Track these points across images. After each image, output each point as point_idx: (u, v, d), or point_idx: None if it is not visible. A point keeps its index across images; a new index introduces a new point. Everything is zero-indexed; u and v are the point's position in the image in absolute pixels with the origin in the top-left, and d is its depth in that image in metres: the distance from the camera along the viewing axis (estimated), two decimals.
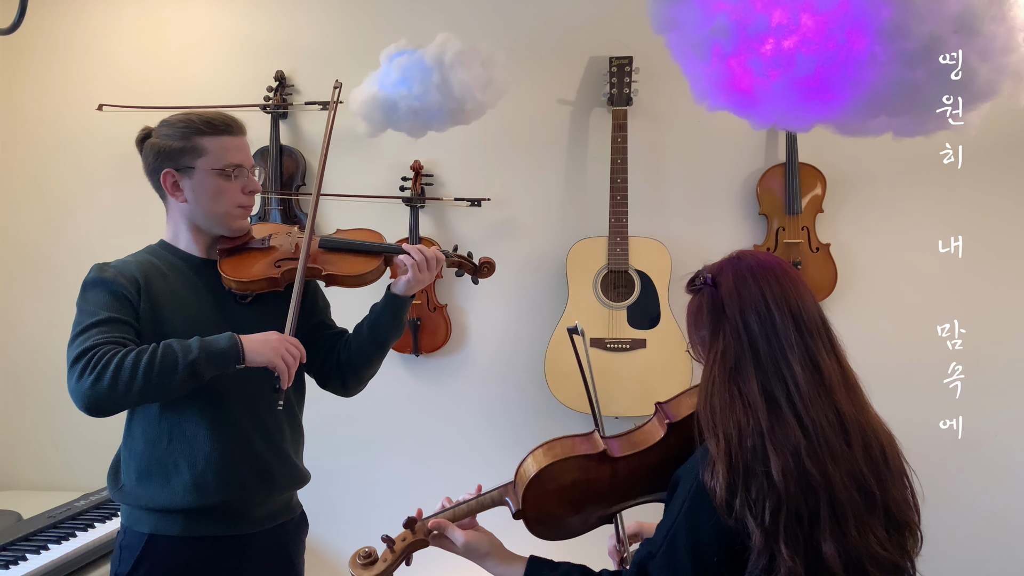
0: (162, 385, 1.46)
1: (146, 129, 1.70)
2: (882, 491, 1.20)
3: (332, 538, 2.81)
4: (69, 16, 3.00)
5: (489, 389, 2.87)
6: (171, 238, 1.73)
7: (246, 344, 1.52)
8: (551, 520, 1.39)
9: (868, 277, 2.72)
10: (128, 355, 1.46)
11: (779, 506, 1.14)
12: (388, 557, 1.40)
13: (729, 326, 1.25)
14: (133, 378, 1.44)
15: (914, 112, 1.79)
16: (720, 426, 1.20)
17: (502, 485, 1.42)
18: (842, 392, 1.22)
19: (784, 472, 1.14)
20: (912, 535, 1.23)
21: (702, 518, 1.19)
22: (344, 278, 1.74)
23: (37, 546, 2.13)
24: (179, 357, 1.47)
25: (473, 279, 1.94)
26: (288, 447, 1.75)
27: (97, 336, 1.50)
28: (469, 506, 1.44)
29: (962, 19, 1.68)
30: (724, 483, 1.15)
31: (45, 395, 2.99)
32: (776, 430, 1.17)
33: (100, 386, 1.44)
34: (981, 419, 2.66)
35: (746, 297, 1.25)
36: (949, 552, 2.63)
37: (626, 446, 1.37)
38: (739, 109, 1.93)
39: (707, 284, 1.30)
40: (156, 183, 1.68)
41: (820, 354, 1.23)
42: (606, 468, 1.35)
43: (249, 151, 1.72)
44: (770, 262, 1.29)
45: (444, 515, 1.43)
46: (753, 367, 1.22)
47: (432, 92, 2.41)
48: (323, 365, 1.82)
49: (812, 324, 1.24)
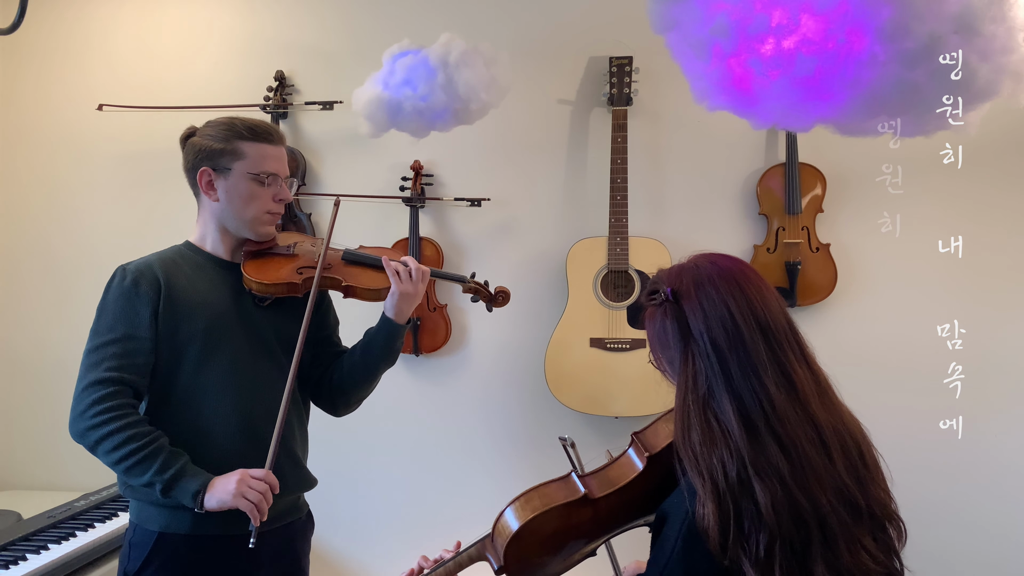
0: (128, 475, 1.58)
1: (191, 128, 1.75)
2: (864, 495, 1.17)
3: (332, 537, 2.81)
4: (69, 16, 3.00)
5: (489, 389, 2.87)
6: (198, 239, 1.76)
7: (208, 491, 1.55)
8: (534, 568, 1.34)
9: (868, 277, 2.72)
10: (126, 430, 1.55)
11: (772, 540, 1.11)
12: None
13: (697, 348, 1.20)
14: (113, 452, 1.55)
15: (914, 112, 1.79)
16: (703, 464, 1.15)
17: (481, 539, 1.38)
18: (815, 401, 1.19)
19: (773, 503, 1.11)
20: (895, 526, 1.21)
21: (697, 559, 1.15)
22: (362, 291, 1.78)
23: (37, 546, 2.12)
24: (155, 468, 1.54)
25: (488, 307, 1.96)
26: (298, 450, 1.78)
27: (111, 361, 1.58)
28: (447, 568, 1.40)
29: (962, 19, 1.68)
30: (716, 525, 1.12)
31: (46, 395, 2.99)
32: (759, 458, 1.14)
33: (88, 437, 1.57)
34: (981, 419, 2.66)
35: (711, 313, 1.19)
36: (949, 552, 2.63)
37: (605, 484, 1.31)
38: (739, 109, 1.93)
39: (668, 300, 1.24)
40: (192, 180, 1.72)
41: (792, 365, 1.19)
42: (587, 510, 1.30)
43: (286, 162, 1.76)
44: (730, 268, 1.23)
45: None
46: (727, 391, 1.17)
47: (437, 92, 2.41)
48: (318, 382, 1.85)
49: (781, 334, 1.20)
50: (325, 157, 2.91)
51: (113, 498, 2.56)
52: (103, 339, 1.60)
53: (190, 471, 1.56)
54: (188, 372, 1.65)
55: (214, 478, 1.56)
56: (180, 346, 1.64)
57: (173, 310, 1.64)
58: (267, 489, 1.56)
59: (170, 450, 1.57)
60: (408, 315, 1.79)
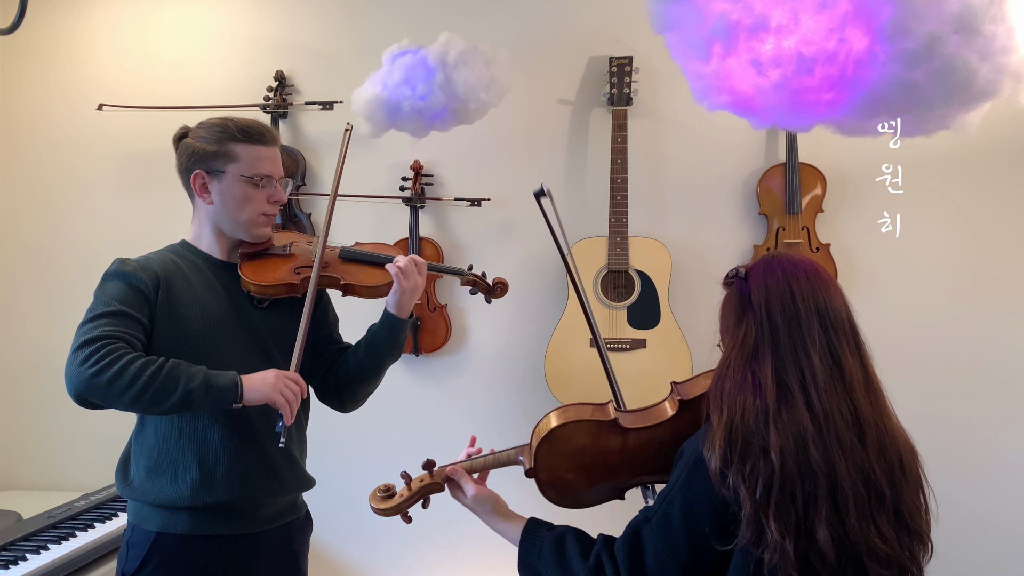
0: (154, 402, 1.46)
1: (183, 128, 1.74)
2: (893, 493, 1.20)
3: (331, 537, 2.81)
4: (69, 16, 3.00)
5: (489, 389, 2.87)
6: (193, 239, 1.76)
7: (245, 383, 1.52)
8: (561, 483, 1.45)
9: (868, 277, 2.72)
10: (136, 360, 1.46)
11: (772, 482, 1.16)
12: (405, 493, 1.50)
13: (753, 316, 1.27)
14: (132, 384, 1.44)
15: (914, 112, 1.79)
16: (726, 402, 1.23)
17: (519, 445, 1.50)
18: (862, 391, 1.24)
19: (783, 451, 1.17)
20: (922, 544, 1.24)
21: (697, 487, 1.22)
22: (361, 288, 1.77)
23: (37, 546, 2.13)
24: (180, 381, 1.47)
25: (486, 298, 1.97)
26: (295, 450, 1.78)
27: (107, 327, 1.50)
28: (485, 460, 1.53)
29: (962, 19, 1.68)
30: (719, 453, 1.18)
31: (45, 395, 2.99)
32: (783, 413, 1.19)
33: (99, 379, 1.43)
34: (981, 419, 2.66)
35: (773, 290, 1.27)
36: (948, 552, 2.63)
37: (637, 420, 1.41)
38: (739, 109, 1.94)
39: (738, 277, 1.33)
40: (186, 182, 1.71)
41: (843, 352, 1.24)
42: (616, 438, 1.40)
43: (279, 162, 1.75)
44: (803, 262, 1.31)
45: (462, 465, 1.53)
46: (771, 355, 1.24)
47: (436, 92, 2.41)
48: (323, 379, 1.85)
49: (838, 323, 1.26)
50: (325, 157, 2.91)
51: (113, 498, 2.56)
52: (99, 311, 1.53)
53: (215, 372, 1.52)
54: None
55: (243, 376, 1.53)
56: (177, 347, 1.63)
57: (170, 310, 1.63)
58: (299, 392, 1.57)
59: (185, 363, 1.51)
60: (410, 309, 1.79)
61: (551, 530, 1.40)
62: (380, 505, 1.50)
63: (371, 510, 1.51)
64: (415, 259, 1.76)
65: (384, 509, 1.50)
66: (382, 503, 1.50)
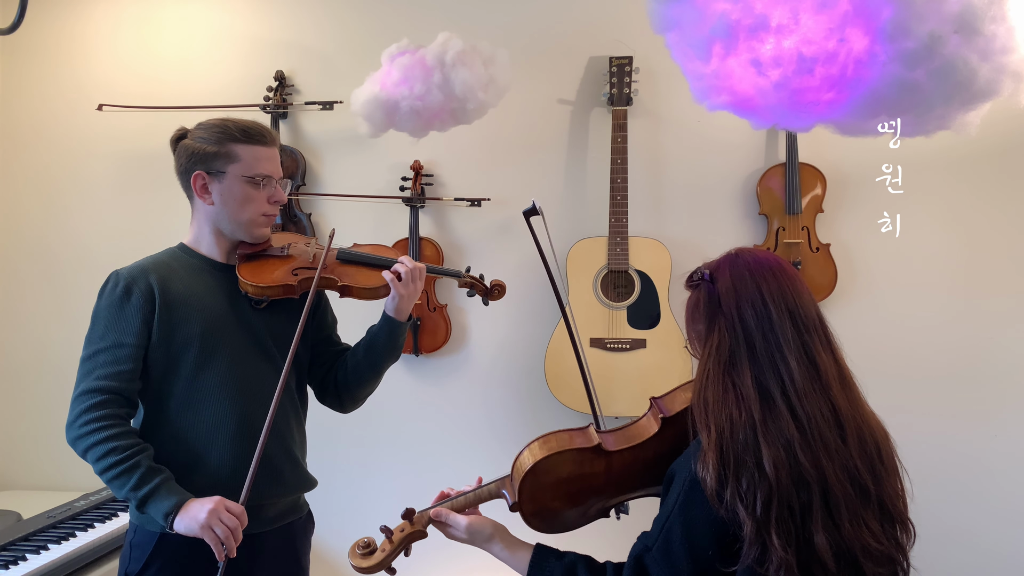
0: (111, 487, 1.56)
1: (182, 130, 1.74)
2: (876, 485, 1.20)
3: (331, 537, 2.81)
4: (69, 16, 3.00)
5: (489, 389, 2.87)
6: (192, 241, 1.76)
7: (180, 513, 1.50)
8: (547, 513, 1.41)
9: (868, 277, 2.72)
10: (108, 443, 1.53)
11: (771, 498, 1.15)
12: (387, 547, 1.43)
13: (725, 320, 1.25)
14: (97, 462, 1.54)
15: (914, 112, 1.80)
16: (712, 418, 1.21)
17: (500, 478, 1.45)
18: (838, 388, 1.23)
19: (776, 464, 1.15)
20: (905, 529, 1.24)
21: (696, 511, 1.20)
22: (359, 290, 1.77)
23: (37, 546, 2.13)
24: (131, 483, 1.51)
25: (484, 300, 1.97)
26: (297, 451, 1.78)
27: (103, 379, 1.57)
28: (467, 498, 1.47)
29: (962, 19, 1.68)
30: (714, 474, 1.17)
31: (45, 395, 2.99)
32: (769, 423, 1.18)
33: (78, 445, 1.57)
34: (980, 419, 2.66)
35: (742, 292, 1.25)
36: (947, 552, 2.63)
37: (620, 440, 1.38)
38: (739, 109, 1.94)
39: (704, 280, 1.30)
40: (186, 184, 1.71)
41: (816, 350, 1.24)
42: (601, 462, 1.37)
43: (279, 163, 1.75)
44: (768, 260, 1.29)
45: (444, 506, 1.46)
46: (748, 361, 1.22)
47: (434, 92, 2.41)
48: (323, 380, 1.86)
49: (809, 321, 1.25)
50: (325, 157, 2.91)
51: (113, 498, 2.56)
52: (95, 347, 1.60)
53: (165, 490, 1.52)
54: (185, 376, 1.65)
55: (190, 500, 1.52)
56: (177, 350, 1.64)
57: (168, 315, 1.63)
58: (238, 526, 1.50)
59: (149, 466, 1.53)
60: (408, 312, 1.79)
61: (560, 558, 1.36)
62: (361, 564, 1.41)
63: (352, 568, 1.43)
64: (418, 267, 1.76)
65: (366, 567, 1.41)
66: (363, 560, 1.41)
